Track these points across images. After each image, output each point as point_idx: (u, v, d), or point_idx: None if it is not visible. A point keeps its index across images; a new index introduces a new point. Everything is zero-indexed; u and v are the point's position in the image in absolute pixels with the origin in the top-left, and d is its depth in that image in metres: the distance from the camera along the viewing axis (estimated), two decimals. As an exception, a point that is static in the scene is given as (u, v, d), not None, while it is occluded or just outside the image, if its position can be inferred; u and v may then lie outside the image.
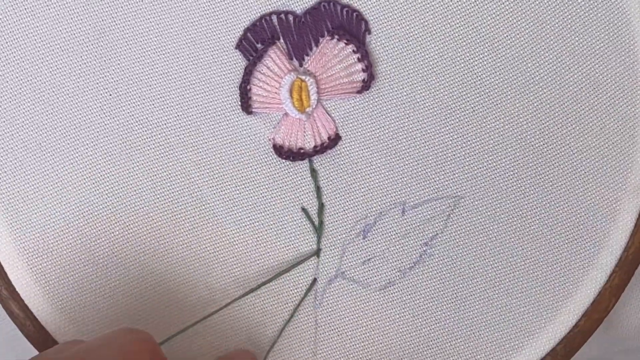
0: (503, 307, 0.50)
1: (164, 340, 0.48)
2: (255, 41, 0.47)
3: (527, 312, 0.50)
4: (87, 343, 0.42)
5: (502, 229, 0.49)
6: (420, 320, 0.49)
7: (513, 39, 0.48)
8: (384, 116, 0.48)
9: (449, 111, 0.48)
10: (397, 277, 0.49)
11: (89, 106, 0.47)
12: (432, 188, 0.49)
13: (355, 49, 0.47)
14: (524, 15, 0.48)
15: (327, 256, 0.49)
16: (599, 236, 0.50)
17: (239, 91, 0.47)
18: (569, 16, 0.48)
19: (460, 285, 0.49)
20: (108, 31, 0.47)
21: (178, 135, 0.47)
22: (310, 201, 0.48)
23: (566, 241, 0.50)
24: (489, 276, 0.49)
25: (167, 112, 0.47)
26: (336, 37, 0.47)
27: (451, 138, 0.49)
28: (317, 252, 0.49)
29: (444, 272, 0.49)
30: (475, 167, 0.49)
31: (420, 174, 0.49)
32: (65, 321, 0.48)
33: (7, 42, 0.46)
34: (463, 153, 0.49)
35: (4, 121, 0.47)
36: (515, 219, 0.49)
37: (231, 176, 0.48)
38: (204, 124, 0.47)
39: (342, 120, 0.48)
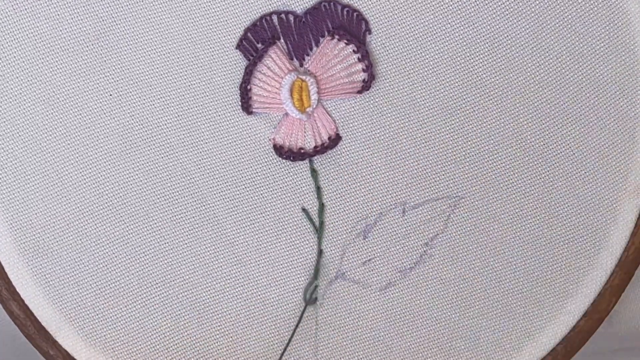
0: (503, 307, 0.50)
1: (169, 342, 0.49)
2: (255, 41, 0.47)
3: (528, 312, 0.50)
4: None
5: (502, 229, 0.49)
6: (420, 320, 0.49)
7: (513, 39, 0.48)
8: (384, 116, 0.48)
9: (449, 111, 0.48)
10: (398, 278, 0.49)
11: (89, 106, 0.47)
12: (432, 188, 0.49)
13: (355, 49, 0.47)
14: (524, 15, 0.48)
15: (328, 256, 0.49)
16: (599, 236, 0.50)
17: (239, 91, 0.47)
18: (569, 16, 0.48)
19: (461, 286, 0.49)
20: (108, 31, 0.46)
21: (178, 136, 0.47)
22: (311, 201, 0.48)
23: (566, 241, 0.50)
24: (489, 276, 0.49)
25: (167, 112, 0.47)
26: (336, 37, 0.47)
27: (451, 138, 0.49)
28: (318, 253, 0.49)
29: (445, 273, 0.49)
30: (476, 167, 0.49)
31: (420, 174, 0.49)
32: (65, 322, 0.48)
33: (7, 43, 0.46)
34: (463, 153, 0.49)
35: (5, 121, 0.46)
36: (515, 219, 0.49)
37: (231, 176, 0.48)
38: (204, 124, 0.47)
39: (342, 120, 0.48)
